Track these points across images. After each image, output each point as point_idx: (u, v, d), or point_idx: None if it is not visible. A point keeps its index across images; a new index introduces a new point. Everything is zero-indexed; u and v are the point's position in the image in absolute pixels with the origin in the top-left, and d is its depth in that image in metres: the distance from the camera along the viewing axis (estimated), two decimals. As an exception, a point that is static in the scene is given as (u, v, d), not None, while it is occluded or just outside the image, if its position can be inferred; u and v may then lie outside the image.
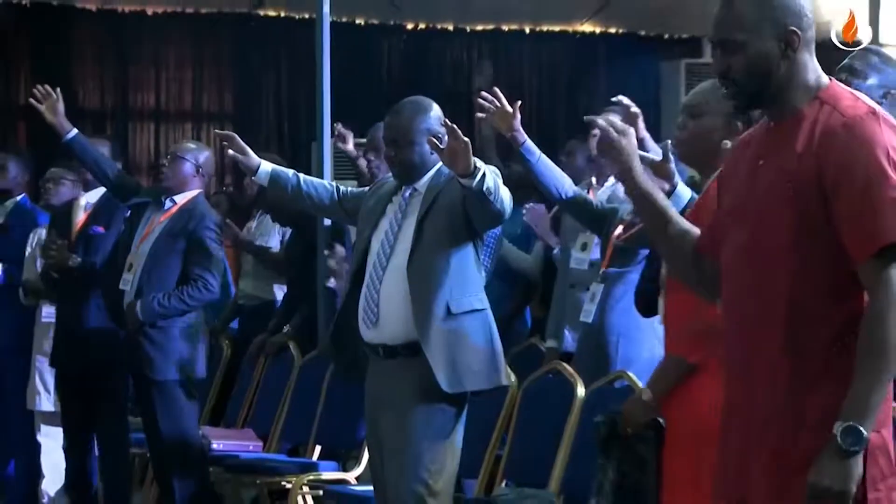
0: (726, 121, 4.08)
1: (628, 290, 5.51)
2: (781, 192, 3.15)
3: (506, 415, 5.67)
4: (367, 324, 4.92)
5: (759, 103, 3.29)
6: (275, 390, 7.15)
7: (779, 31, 3.20)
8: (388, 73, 10.81)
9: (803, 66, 3.23)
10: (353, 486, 6.28)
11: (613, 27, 11.14)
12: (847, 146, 3.09)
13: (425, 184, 4.98)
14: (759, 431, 3.15)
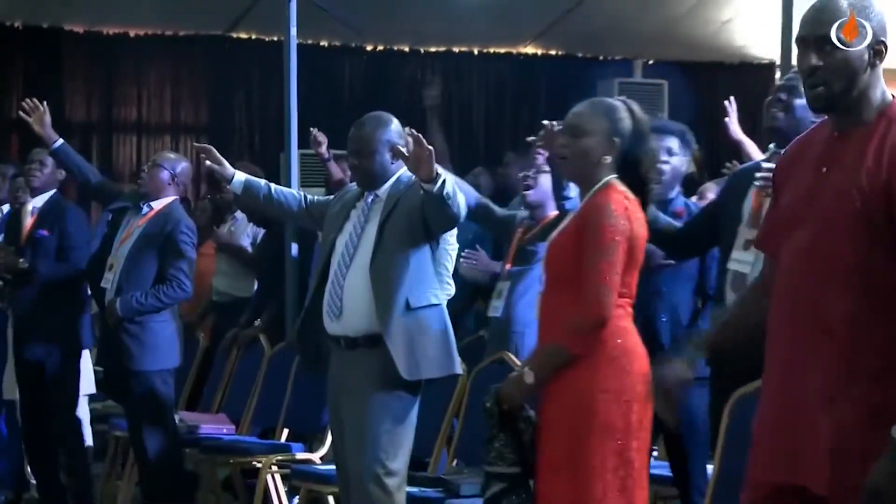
0: (606, 138, 4.10)
1: (531, 286, 5.56)
2: (848, 204, 2.99)
3: (457, 400, 5.68)
4: (331, 317, 4.92)
5: (837, 106, 3.09)
6: (246, 379, 7.13)
7: (873, 40, 3.06)
8: (350, 91, 10.81)
9: (878, 79, 3.09)
10: (318, 466, 6.27)
11: (554, 49, 11.17)
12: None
13: (386, 191, 4.99)
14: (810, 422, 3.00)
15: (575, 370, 3.97)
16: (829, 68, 3.04)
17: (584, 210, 4.08)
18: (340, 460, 5.04)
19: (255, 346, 7.24)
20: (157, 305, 6.29)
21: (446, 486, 5.27)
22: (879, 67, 3.09)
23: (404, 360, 4.80)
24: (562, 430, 3.98)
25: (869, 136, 3.03)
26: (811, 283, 3.03)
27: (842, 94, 3.05)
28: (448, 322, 4.96)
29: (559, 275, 4.08)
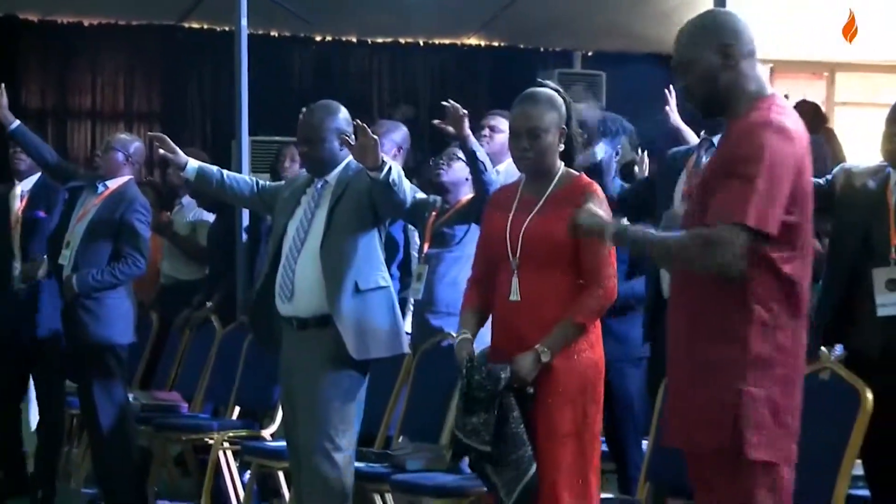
0: (558, 131, 4.18)
1: (451, 268, 5.58)
2: (707, 189, 3.28)
3: (403, 379, 5.70)
4: (283, 299, 4.92)
5: (714, 109, 3.39)
6: (198, 358, 7.13)
7: (716, 45, 3.32)
8: (299, 80, 10.77)
9: (744, 76, 3.33)
10: (268, 442, 6.27)
11: (496, 41, 11.18)
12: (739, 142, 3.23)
13: (335, 177, 4.99)
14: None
15: (580, 344, 4.10)
16: (692, 85, 3.36)
17: (570, 199, 4.10)
18: (291, 437, 5.05)
19: (207, 326, 7.24)
20: (112, 282, 6.29)
21: (392, 462, 5.30)
22: (743, 64, 3.33)
23: (353, 340, 4.82)
24: (570, 401, 4.08)
25: (732, 129, 3.32)
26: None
27: (708, 99, 3.37)
28: (396, 303, 4.98)
29: (550, 257, 4.12)
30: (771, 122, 3.22)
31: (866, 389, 4.14)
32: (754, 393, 3.20)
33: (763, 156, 3.17)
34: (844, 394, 4.21)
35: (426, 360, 5.68)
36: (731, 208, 3.16)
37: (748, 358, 3.22)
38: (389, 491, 5.30)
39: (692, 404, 3.27)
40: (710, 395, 3.23)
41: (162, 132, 5.57)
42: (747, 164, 3.18)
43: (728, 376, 3.21)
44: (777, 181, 3.18)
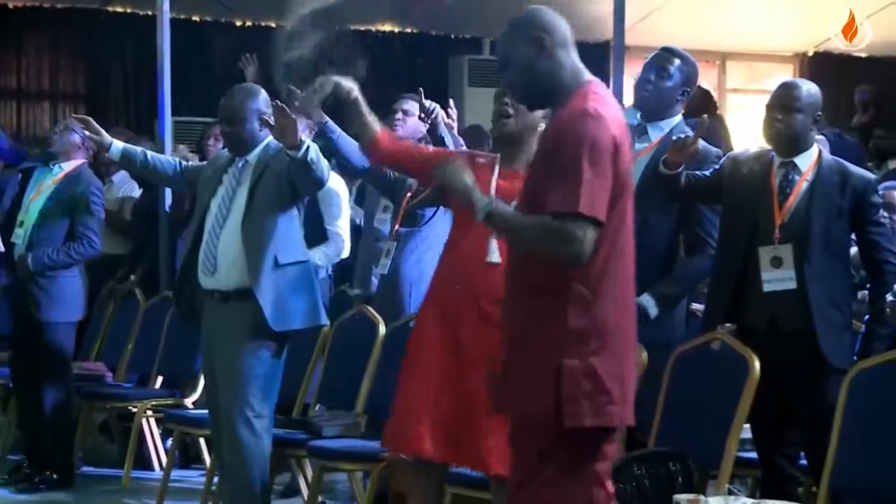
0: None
1: (418, 246, 5.58)
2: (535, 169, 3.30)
3: (320, 349, 5.70)
4: (206, 273, 4.91)
5: (536, 101, 3.40)
6: (123, 330, 7.07)
7: (529, 38, 3.32)
8: (220, 63, 10.67)
9: (560, 66, 3.32)
10: (190, 410, 6.25)
11: (408, 27, 11.17)
12: (562, 133, 3.21)
13: (255, 156, 4.98)
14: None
15: None
16: (511, 78, 3.35)
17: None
18: (212, 405, 5.03)
19: (131, 299, 7.19)
20: (67, 261, 6.29)
21: (310, 428, 5.30)
22: (558, 54, 3.32)
23: (273, 312, 4.81)
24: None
25: (556, 116, 3.31)
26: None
27: (528, 90, 3.35)
28: (314, 277, 4.98)
29: None
30: (587, 110, 3.20)
31: (754, 358, 4.23)
32: (568, 365, 3.19)
33: (584, 144, 3.16)
34: (734, 362, 4.30)
35: (343, 332, 5.69)
36: (564, 199, 3.14)
37: (568, 332, 3.21)
38: (306, 456, 5.31)
39: (518, 376, 3.27)
40: (534, 367, 3.23)
41: (87, 112, 5.56)
42: (572, 154, 3.16)
43: (549, 350, 3.21)
44: (602, 168, 3.17)
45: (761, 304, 4.36)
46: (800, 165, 4.40)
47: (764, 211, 4.39)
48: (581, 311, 3.21)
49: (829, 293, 4.31)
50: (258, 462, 4.85)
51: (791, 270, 4.30)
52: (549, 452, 3.22)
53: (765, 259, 4.35)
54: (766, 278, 4.34)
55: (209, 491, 5.66)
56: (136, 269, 7.42)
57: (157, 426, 6.62)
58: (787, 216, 4.36)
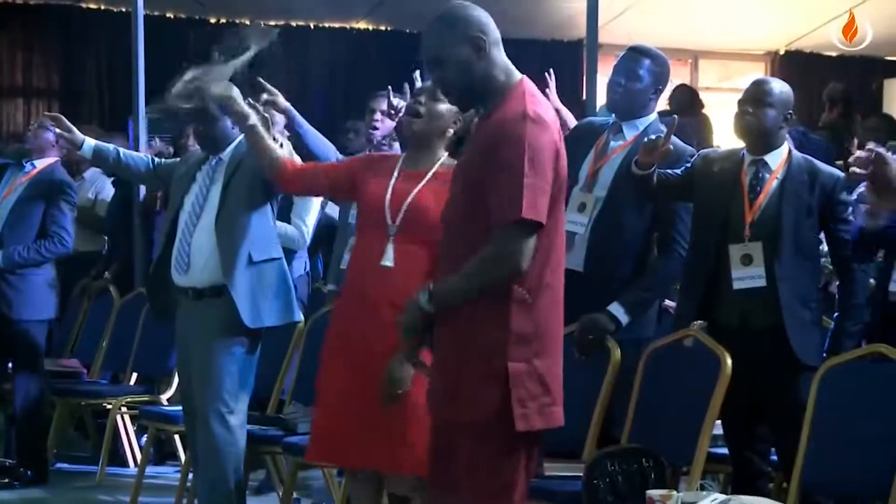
0: (455, 114, 4.05)
1: None
2: (468, 178, 3.27)
3: (295, 346, 5.68)
4: (179, 271, 4.87)
5: (470, 101, 3.37)
6: (97, 326, 7.04)
7: (466, 37, 3.29)
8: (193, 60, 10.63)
9: (494, 65, 3.31)
10: (165, 407, 6.22)
11: (384, 25, 11.16)
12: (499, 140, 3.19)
13: (229, 154, 4.95)
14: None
15: None
16: (447, 78, 3.32)
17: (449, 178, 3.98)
18: (187, 401, 5.01)
19: (105, 296, 7.15)
20: (38, 259, 6.29)
21: (284, 425, 5.29)
22: (491, 57, 3.30)
23: (247, 309, 4.78)
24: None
25: (490, 117, 3.29)
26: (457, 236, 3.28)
27: (466, 90, 3.32)
28: (288, 274, 4.95)
29: (423, 232, 3.97)
30: (526, 114, 3.19)
31: (726, 355, 4.24)
32: (514, 368, 3.19)
33: (524, 148, 3.15)
34: (706, 359, 4.30)
35: (317, 329, 5.66)
36: (507, 205, 3.14)
37: (510, 335, 3.21)
38: (281, 453, 5.29)
39: (459, 381, 3.24)
40: (478, 371, 3.21)
41: (60, 109, 5.52)
42: (510, 158, 3.16)
43: (493, 354, 3.20)
44: (542, 171, 3.18)
45: (732, 301, 4.36)
46: (770, 163, 4.41)
47: (735, 209, 4.39)
48: (523, 313, 3.21)
49: (799, 290, 4.32)
50: (233, 459, 4.82)
51: (761, 268, 4.30)
52: (492, 454, 3.22)
53: (735, 257, 4.35)
54: (737, 276, 4.34)
55: (184, 487, 5.64)
56: (110, 266, 7.38)
57: (132, 423, 6.60)
58: (757, 214, 4.36)
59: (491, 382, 3.19)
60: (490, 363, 3.19)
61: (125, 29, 7.57)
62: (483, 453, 3.22)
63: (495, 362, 3.19)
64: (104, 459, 6.39)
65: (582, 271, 4.47)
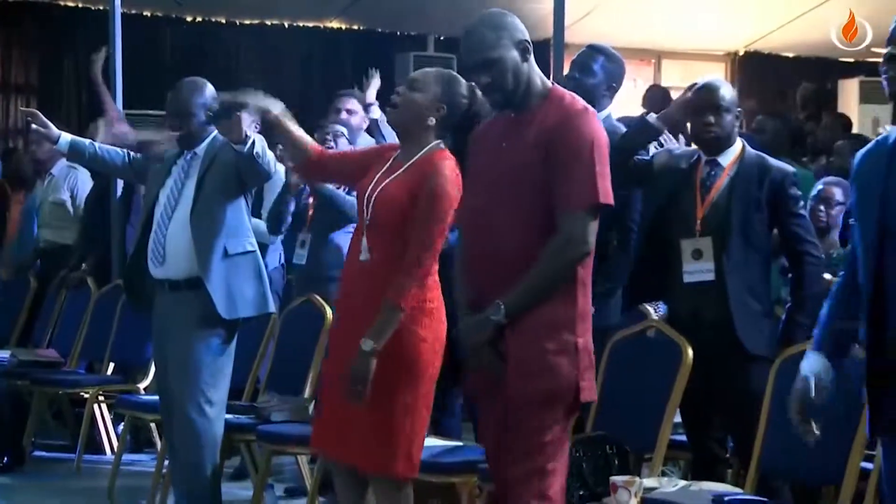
0: (434, 101, 3.86)
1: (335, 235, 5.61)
2: (521, 168, 3.38)
3: (269, 337, 5.67)
4: (155, 263, 4.86)
5: (512, 102, 3.45)
6: (75, 317, 7.00)
7: (515, 42, 3.44)
8: (171, 58, 10.59)
9: (534, 70, 3.47)
10: (141, 396, 6.19)
11: (357, 24, 11.12)
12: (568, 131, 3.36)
13: (203, 149, 4.93)
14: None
15: (405, 326, 3.77)
16: (497, 80, 3.42)
17: (422, 171, 3.82)
18: (163, 391, 4.99)
19: (83, 287, 7.11)
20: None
21: (258, 414, 5.28)
22: (531, 61, 3.46)
23: (222, 301, 4.77)
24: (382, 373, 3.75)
25: (534, 115, 3.42)
26: (505, 228, 3.39)
27: (513, 91, 3.44)
28: (262, 267, 4.94)
29: (388, 224, 3.83)
30: (587, 109, 3.42)
31: (687, 346, 4.27)
32: (582, 343, 3.37)
33: (593, 140, 3.35)
34: (667, 349, 4.33)
35: (291, 320, 5.66)
36: (580, 191, 3.33)
37: (577, 313, 3.38)
38: (255, 440, 5.28)
39: (536, 354, 3.35)
40: (552, 345, 3.34)
41: (39, 105, 5.48)
42: (579, 148, 3.34)
43: (564, 329, 3.35)
44: (605, 160, 3.39)
45: (684, 294, 4.40)
46: (722, 162, 4.44)
47: (687, 205, 4.43)
48: (583, 293, 3.41)
49: (748, 283, 4.33)
50: (209, 447, 4.82)
51: (710, 262, 4.34)
52: (556, 422, 3.36)
53: (686, 251, 4.38)
54: (687, 269, 4.38)
55: (160, 474, 5.62)
56: (87, 259, 7.34)
57: (109, 411, 6.57)
58: (707, 209, 4.39)
59: (564, 355, 3.35)
60: (562, 338, 3.35)
61: (103, 26, 7.51)
62: (549, 421, 3.35)
63: (566, 337, 3.35)
64: (82, 447, 6.36)
65: None
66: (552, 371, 3.34)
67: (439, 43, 11.22)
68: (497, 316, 3.34)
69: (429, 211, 3.76)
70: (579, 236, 3.34)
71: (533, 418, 3.36)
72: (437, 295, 3.88)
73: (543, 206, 3.36)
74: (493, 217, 3.42)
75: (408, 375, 3.81)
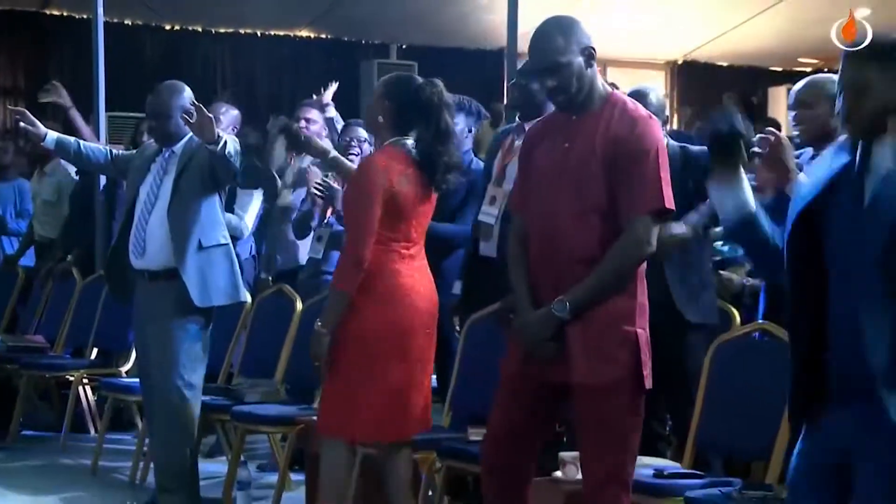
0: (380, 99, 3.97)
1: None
2: (589, 167, 3.30)
3: (242, 324, 5.65)
4: (136, 255, 4.84)
5: (575, 105, 3.39)
6: (60, 306, 6.95)
7: (581, 48, 3.37)
8: (150, 63, 10.52)
9: (597, 75, 3.41)
10: (123, 379, 6.16)
11: (325, 33, 11.10)
12: (635, 138, 3.30)
13: (181, 147, 4.91)
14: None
15: (357, 309, 3.87)
16: (563, 83, 3.35)
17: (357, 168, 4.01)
18: (143, 374, 4.97)
19: (68, 278, 7.06)
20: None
21: (233, 395, 5.26)
22: (595, 66, 3.40)
23: (198, 290, 4.75)
24: (337, 349, 3.89)
25: (598, 117, 3.35)
26: (566, 226, 3.32)
27: (576, 94, 3.37)
28: (234, 259, 4.92)
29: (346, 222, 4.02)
30: (651, 116, 3.36)
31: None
32: (641, 334, 3.34)
33: (658, 147, 3.31)
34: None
35: (262, 308, 5.65)
36: (648, 196, 3.29)
37: (637, 305, 3.35)
38: (230, 420, 5.26)
39: (598, 345, 3.31)
40: (614, 336, 3.31)
41: (26, 107, 5.43)
42: (646, 154, 3.29)
43: (625, 321, 3.32)
44: (667, 167, 3.35)
45: None
46: None
47: None
48: (641, 287, 3.38)
49: (684, 259, 4.29)
50: (187, 426, 4.80)
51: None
52: (623, 411, 3.32)
53: None
54: None
55: (140, 452, 5.60)
56: (72, 251, 7.29)
57: (93, 393, 6.53)
58: None
59: (625, 346, 3.30)
60: (623, 329, 3.31)
61: (87, 34, 7.46)
62: (617, 410, 3.31)
63: (627, 328, 3.31)
64: (67, 426, 6.32)
65: (496, 257, 4.49)
66: (616, 362, 3.30)
67: (401, 51, 11.22)
68: (562, 312, 3.29)
69: (353, 202, 3.92)
70: (645, 238, 3.30)
71: (602, 407, 3.31)
72: (396, 282, 3.92)
73: (605, 208, 3.30)
74: (555, 216, 3.35)
75: (359, 352, 3.89)
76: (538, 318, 3.32)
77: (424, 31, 10.70)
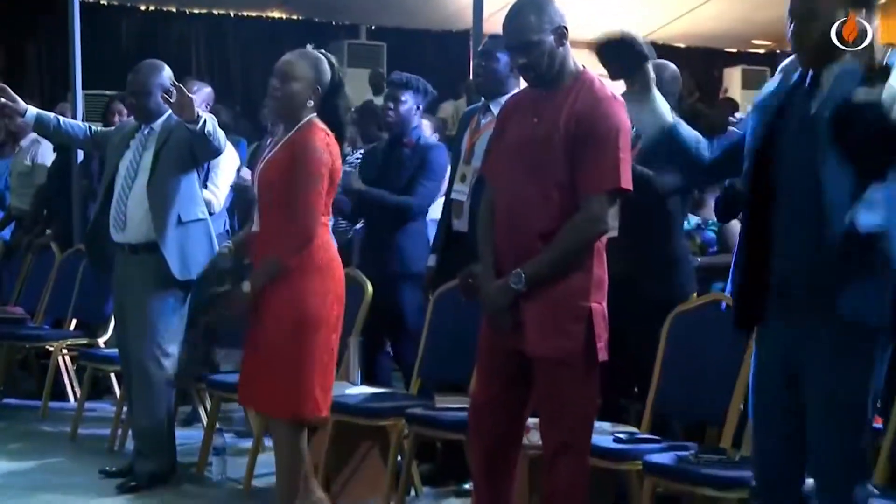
0: (310, 85, 3.90)
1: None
2: (552, 144, 3.29)
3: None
4: (116, 228, 4.82)
5: (547, 83, 3.38)
6: (40, 278, 6.89)
7: (554, 28, 3.35)
8: (126, 43, 10.44)
9: (568, 54, 3.40)
10: (102, 349, 6.13)
11: (296, 14, 11.05)
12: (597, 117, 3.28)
13: (160, 124, 4.88)
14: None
15: (292, 278, 3.80)
16: (533, 61, 3.35)
17: (293, 145, 3.85)
18: (122, 345, 4.96)
19: (47, 251, 7.01)
20: None
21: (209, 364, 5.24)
22: (567, 45, 3.40)
23: (177, 264, 4.74)
24: (281, 326, 3.81)
25: (567, 94, 3.35)
26: (529, 200, 3.32)
27: (547, 71, 3.36)
28: (213, 233, 4.91)
29: (272, 198, 3.85)
30: (615, 96, 3.31)
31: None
32: (596, 308, 3.34)
33: (619, 127, 3.28)
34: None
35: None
36: (603, 176, 3.27)
37: (592, 280, 3.35)
38: (206, 389, 5.25)
39: (552, 319, 3.32)
40: (568, 311, 3.31)
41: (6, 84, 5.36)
42: (606, 134, 3.27)
43: (579, 296, 3.31)
44: (628, 147, 3.33)
45: None
46: None
47: None
48: (599, 261, 3.36)
49: (650, 236, 4.28)
50: (164, 395, 4.80)
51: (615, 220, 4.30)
52: (578, 383, 3.33)
53: None
54: None
55: (119, 419, 5.58)
56: (51, 224, 7.24)
57: (72, 363, 6.49)
58: None
59: (579, 320, 3.29)
60: (577, 303, 3.29)
61: (63, 14, 7.38)
62: (571, 382, 3.31)
63: (581, 303, 3.30)
64: (47, 395, 6.28)
65: (466, 232, 4.49)
66: (569, 335, 3.30)
67: (371, 32, 11.18)
68: (518, 284, 3.30)
69: (301, 179, 3.78)
70: (599, 216, 3.29)
71: (555, 378, 3.32)
72: (330, 254, 3.88)
73: (566, 184, 3.29)
74: (520, 190, 3.35)
75: (302, 326, 3.81)
76: (497, 289, 3.34)
77: (393, 12, 10.66)
